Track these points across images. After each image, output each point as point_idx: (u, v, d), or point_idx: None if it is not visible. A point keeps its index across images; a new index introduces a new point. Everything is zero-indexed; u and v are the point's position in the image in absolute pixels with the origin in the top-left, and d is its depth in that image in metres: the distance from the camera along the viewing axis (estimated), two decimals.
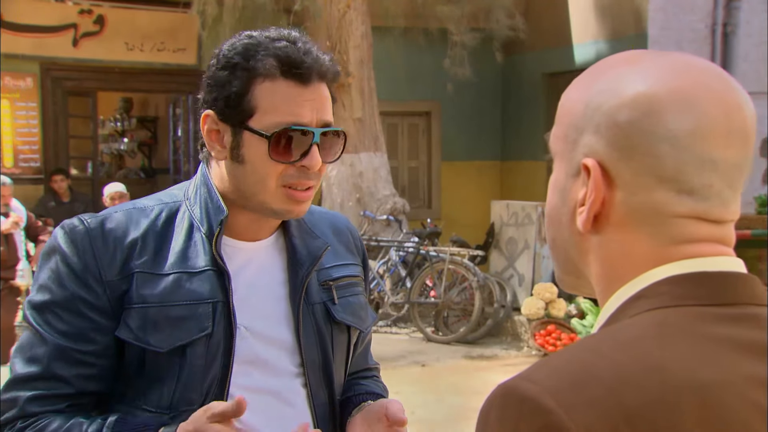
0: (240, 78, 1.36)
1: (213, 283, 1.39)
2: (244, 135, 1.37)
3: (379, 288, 8.50)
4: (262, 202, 1.40)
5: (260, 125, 1.36)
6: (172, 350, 1.36)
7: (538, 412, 0.72)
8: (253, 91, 1.36)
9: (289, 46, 1.37)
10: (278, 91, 1.36)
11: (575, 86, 0.89)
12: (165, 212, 1.44)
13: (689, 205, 0.81)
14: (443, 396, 6.19)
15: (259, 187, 1.39)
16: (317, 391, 1.49)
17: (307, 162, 1.37)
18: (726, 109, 0.81)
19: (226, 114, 1.38)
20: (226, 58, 1.38)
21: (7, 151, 10.15)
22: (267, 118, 1.36)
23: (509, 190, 11.09)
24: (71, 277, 1.36)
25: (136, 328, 1.36)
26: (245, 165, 1.38)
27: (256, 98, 1.36)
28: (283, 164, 1.37)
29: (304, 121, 1.36)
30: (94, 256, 1.37)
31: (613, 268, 0.84)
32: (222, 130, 1.40)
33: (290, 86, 1.36)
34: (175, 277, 1.38)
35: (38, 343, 1.36)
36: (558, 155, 0.89)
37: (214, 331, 1.38)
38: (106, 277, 1.37)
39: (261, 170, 1.37)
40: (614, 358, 0.75)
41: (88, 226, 1.39)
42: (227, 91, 1.37)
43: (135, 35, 10.45)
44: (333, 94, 1.44)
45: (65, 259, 1.37)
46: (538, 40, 10.27)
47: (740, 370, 0.76)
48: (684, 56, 0.85)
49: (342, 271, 1.56)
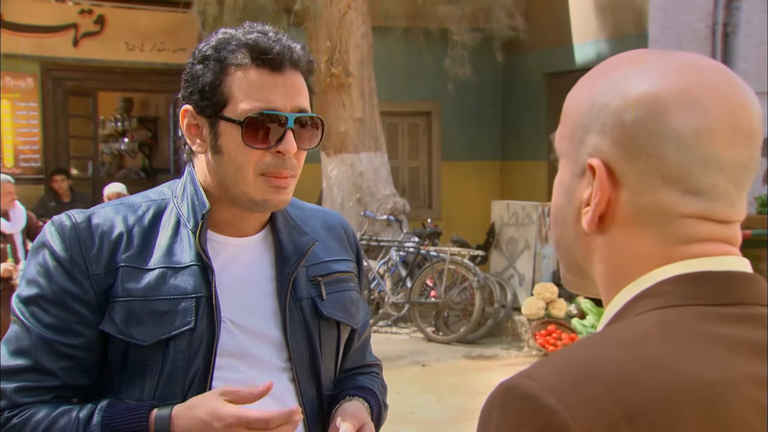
0: (213, 69, 1.39)
1: (197, 278, 1.41)
2: (220, 125, 1.40)
3: (379, 288, 8.50)
4: (242, 193, 1.42)
5: (234, 113, 1.38)
6: (154, 344, 1.38)
7: (540, 410, 0.73)
8: (225, 81, 1.39)
9: (260, 36, 1.40)
10: (250, 78, 1.38)
11: (580, 86, 0.88)
12: (153, 209, 1.47)
13: (695, 206, 0.81)
14: (443, 396, 6.19)
15: (238, 176, 1.40)
16: (305, 387, 1.50)
17: (282, 147, 1.39)
18: (732, 108, 0.80)
19: (201, 107, 1.41)
20: (200, 53, 1.42)
21: (8, 151, 10.16)
22: (240, 105, 1.38)
23: (509, 190, 11.08)
24: (59, 270, 1.38)
25: (120, 322, 1.38)
26: (223, 156, 1.41)
27: (229, 87, 1.38)
28: (258, 150, 1.38)
29: (277, 106, 1.39)
30: (80, 251, 1.39)
31: (618, 268, 0.84)
32: (201, 124, 1.43)
33: (262, 74, 1.39)
34: (159, 272, 1.41)
35: (25, 335, 1.38)
36: (563, 155, 0.88)
37: (197, 325, 1.39)
38: (92, 271, 1.39)
39: (238, 158, 1.39)
40: (616, 357, 0.75)
41: (75, 221, 1.41)
42: (201, 84, 1.40)
43: (135, 35, 10.46)
44: (310, 85, 1.46)
45: (53, 254, 1.39)
46: (539, 40, 10.27)
47: (742, 369, 0.76)
48: (690, 55, 0.84)
49: (333, 267, 1.57)
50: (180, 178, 1.52)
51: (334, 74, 8.66)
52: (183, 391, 1.40)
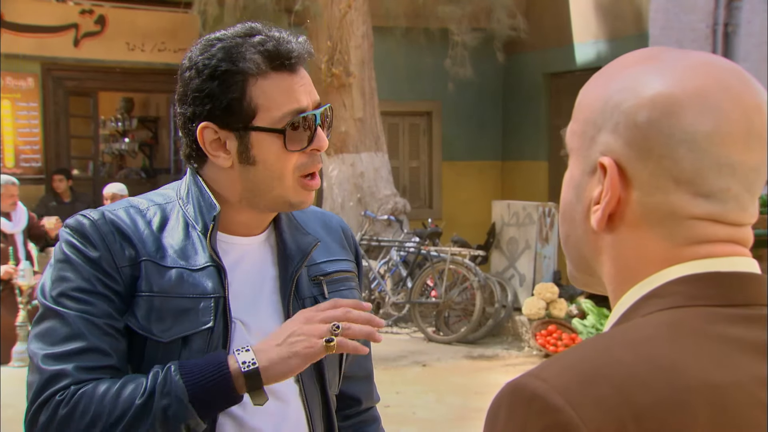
0: (234, 83, 1.37)
1: (214, 279, 1.41)
2: (251, 136, 1.39)
3: (380, 288, 8.50)
4: (277, 197, 1.42)
5: (268, 122, 1.38)
6: (172, 341, 1.37)
7: (547, 410, 0.72)
8: (250, 93, 1.37)
9: (268, 39, 1.39)
10: (273, 85, 1.38)
11: (594, 83, 0.88)
12: (160, 212, 1.46)
13: (706, 208, 0.80)
14: (444, 396, 6.18)
15: (275, 182, 1.41)
16: (309, 387, 1.50)
17: (316, 144, 1.41)
18: (746, 111, 0.80)
19: (227, 122, 1.39)
20: (209, 68, 1.38)
21: (9, 151, 10.16)
22: (271, 113, 1.38)
23: (510, 190, 11.08)
24: (87, 263, 1.37)
25: (141, 317, 1.37)
26: (257, 165, 1.40)
27: (255, 98, 1.37)
28: (296, 153, 1.40)
29: (305, 105, 1.40)
30: (105, 245, 1.38)
31: (627, 268, 0.84)
32: (223, 138, 1.40)
33: (282, 78, 1.39)
34: (177, 271, 1.40)
35: (64, 324, 1.34)
36: (574, 152, 0.88)
37: (215, 325, 1.40)
38: (119, 264, 1.38)
39: (277, 166, 1.40)
40: (625, 358, 0.75)
41: (92, 218, 1.40)
42: (225, 100, 1.37)
43: (136, 35, 10.45)
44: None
45: (78, 251, 1.37)
46: (539, 40, 10.27)
47: (751, 371, 0.76)
48: (704, 55, 0.84)
49: (333, 267, 1.58)
50: (181, 179, 1.52)
51: (334, 74, 8.65)
52: None
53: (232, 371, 1.30)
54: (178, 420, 1.29)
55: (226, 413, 1.41)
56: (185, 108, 1.42)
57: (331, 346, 1.30)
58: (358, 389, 1.68)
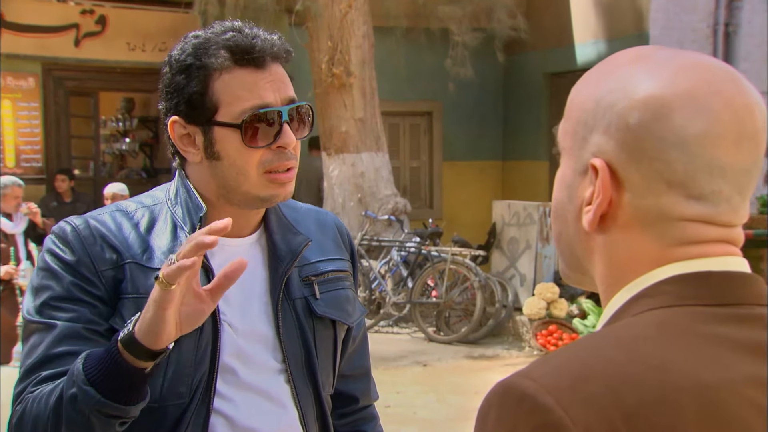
0: (197, 77, 1.38)
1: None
2: (214, 131, 1.39)
3: (380, 288, 8.49)
4: (246, 193, 1.41)
5: (228, 117, 1.38)
6: None
7: (537, 410, 0.72)
8: (212, 87, 1.38)
9: (236, 35, 1.40)
10: (236, 80, 1.38)
11: (585, 82, 0.87)
12: (148, 214, 1.47)
13: (698, 210, 0.80)
14: (444, 396, 6.18)
15: (241, 178, 1.40)
16: (301, 387, 1.50)
17: (281, 141, 1.39)
18: (736, 111, 0.80)
19: (191, 116, 1.40)
20: (178, 62, 1.40)
21: (9, 152, 10.17)
22: (232, 108, 1.37)
23: (511, 190, 11.08)
24: (67, 271, 1.38)
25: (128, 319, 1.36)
26: (222, 160, 1.40)
27: (217, 93, 1.37)
28: (259, 149, 1.38)
29: (269, 101, 1.38)
30: (85, 250, 1.39)
31: (618, 268, 0.84)
32: (192, 133, 1.41)
33: (247, 73, 1.38)
34: None
35: (48, 333, 1.35)
36: (566, 151, 0.88)
37: (204, 327, 1.39)
38: (99, 268, 1.38)
39: (239, 161, 1.39)
40: (614, 357, 0.75)
41: (74, 225, 1.41)
42: (188, 93, 1.39)
43: (137, 35, 10.45)
44: (289, 74, 1.45)
45: (58, 258, 1.39)
46: (540, 40, 10.27)
47: (741, 370, 0.76)
48: (695, 55, 0.83)
49: (327, 266, 1.57)
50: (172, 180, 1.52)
51: (335, 74, 8.65)
52: (190, 392, 1.39)
53: (120, 344, 1.24)
54: (89, 407, 1.23)
55: (218, 413, 1.42)
56: (161, 103, 1.45)
57: (160, 281, 1.19)
58: (355, 387, 1.68)
